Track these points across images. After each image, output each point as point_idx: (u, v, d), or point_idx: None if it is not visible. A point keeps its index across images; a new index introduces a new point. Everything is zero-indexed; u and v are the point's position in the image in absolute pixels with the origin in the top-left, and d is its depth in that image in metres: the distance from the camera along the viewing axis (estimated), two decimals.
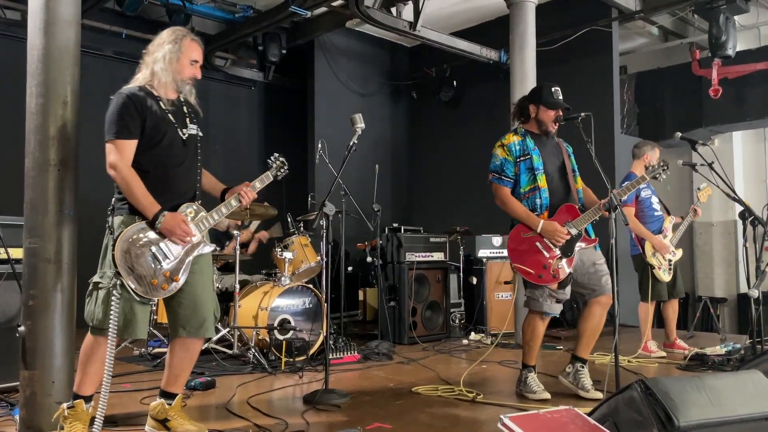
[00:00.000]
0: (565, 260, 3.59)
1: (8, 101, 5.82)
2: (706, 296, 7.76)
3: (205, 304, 2.89)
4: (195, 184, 2.95)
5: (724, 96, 7.64)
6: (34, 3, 3.11)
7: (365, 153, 4.65)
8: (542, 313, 3.69)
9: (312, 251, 5.46)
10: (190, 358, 2.97)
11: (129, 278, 2.65)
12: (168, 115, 2.84)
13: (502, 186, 3.70)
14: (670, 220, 5.17)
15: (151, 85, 2.85)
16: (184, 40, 2.90)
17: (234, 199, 3.00)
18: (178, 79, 2.88)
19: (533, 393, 3.67)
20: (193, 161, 2.95)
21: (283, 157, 3.26)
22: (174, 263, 2.76)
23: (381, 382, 4.20)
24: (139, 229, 2.71)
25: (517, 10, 6.27)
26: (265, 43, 7.85)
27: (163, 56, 2.85)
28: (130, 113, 2.73)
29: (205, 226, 2.89)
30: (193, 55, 2.92)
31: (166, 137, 2.82)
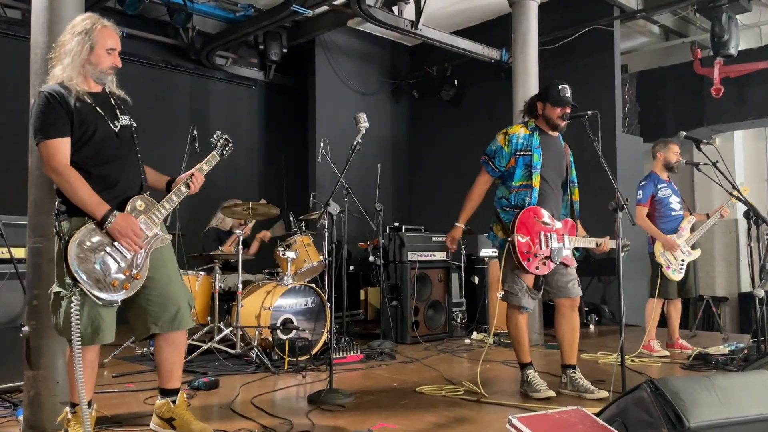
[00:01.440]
0: (550, 262, 3.63)
1: (10, 100, 5.81)
2: (708, 295, 7.75)
3: (174, 297, 2.80)
4: (139, 176, 2.82)
5: (726, 95, 7.64)
6: (37, 2, 3.09)
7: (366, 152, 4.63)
8: (520, 307, 3.71)
9: (314, 250, 5.45)
10: (177, 351, 2.89)
11: (87, 283, 2.54)
12: (96, 108, 2.70)
13: (485, 170, 3.80)
14: (689, 220, 5.14)
15: (66, 80, 2.66)
16: (96, 28, 2.70)
17: (183, 185, 2.86)
18: (96, 71, 2.72)
19: (537, 392, 3.66)
20: (131, 153, 2.80)
21: (227, 135, 3.09)
22: (131, 260, 2.66)
23: (385, 381, 4.19)
24: (89, 230, 2.60)
25: (519, 9, 6.26)
26: (266, 42, 7.84)
27: (72, 50, 2.67)
28: (55, 111, 2.59)
29: (158, 217, 2.78)
30: (108, 44, 2.72)
31: (98, 132, 2.68)
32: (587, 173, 3.97)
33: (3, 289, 3.60)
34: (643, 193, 5.07)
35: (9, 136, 5.78)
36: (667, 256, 5.00)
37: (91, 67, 2.71)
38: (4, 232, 3.55)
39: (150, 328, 2.78)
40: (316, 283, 5.48)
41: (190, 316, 2.88)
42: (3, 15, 6.43)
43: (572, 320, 3.79)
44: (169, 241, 2.87)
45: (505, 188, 3.77)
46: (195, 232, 5.85)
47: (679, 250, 5.01)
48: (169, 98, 7.75)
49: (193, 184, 2.87)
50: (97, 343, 2.65)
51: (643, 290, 5.23)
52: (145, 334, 2.81)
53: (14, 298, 3.65)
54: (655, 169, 5.19)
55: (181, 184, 2.87)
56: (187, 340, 3.06)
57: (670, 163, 5.14)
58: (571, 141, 3.97)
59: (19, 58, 4.19)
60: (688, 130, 5.72)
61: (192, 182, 2.87)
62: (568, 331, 3.79)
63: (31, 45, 3.10)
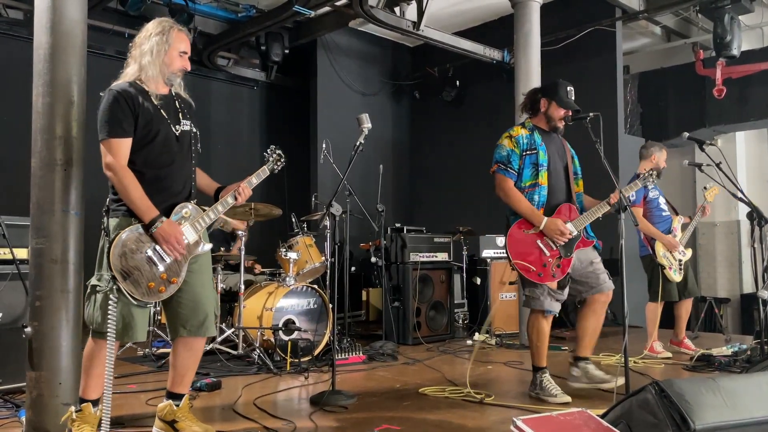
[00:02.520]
0: (564, 260, 3.58)
1: (13, 101, 5.81)
2: (710, 297, 7.74)
3: (205, 303, 2.85)
4: (190, 183, 2.88)
5: (728, 96, 7.63)
6: (40, 2, 3.09)
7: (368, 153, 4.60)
8: (543, 311, 3.65)
9: (316, 251, 5.44)
10: (194, 358, 2.93)
11: (125, 282, 2.60)
12: (160, 111, 2.77)
13: (508, 178, 3.64)
14: (678, 220, 5.14)
15: (141, 79, 2.76)
16: (172, 31, 2.81)
17: (230, 196, 2.91)
18: (168, 71, 2.80)
19: (553, 396, 3.59)
20: (188, 158, 2.87)
21: (280, 150, 3.17)
22: (171, 265, 2.71)
23: (387, 383, 4.18)
24: (135, 232, 2.65)
25: (521, 9, 6.25)
26: (268, 43, 7.83)
27: (151, 49, 2.76)
28: (122, 110, 2.66)
29: (201, 225, 2.83)
30: (182, 46, 2.83)
31: (160, 134, 2.74)
32: (589, 174, 3.95)
33: (5, 290, 3.60)
34: (636, 195, 4.97)
35: (11, 136, 5.79)
36: (668, 257, 4.99)
37: (162, 68, 2.78)
38: (6, 232, 3.55)
39: (178, 330, 2.83)
40: (318, 284, 5.47)
41: (214, 325, 2.93)
42: (5, 15, 6.43)
43: (601, 315, 3.74)
44: (209, 250, 2.91)
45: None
46: None
47: (680, 248, 5.01)
48: None
49: (240, 196, 2.92)
50: (126, 340, 2.76)
51: (643, 291, 5.21)
52: (174, 336, 2.87)
53: (17, 299, 3.65)
54: (642, 171, 5.10)
55: (228, 195, 2.92)
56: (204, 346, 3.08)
57: (660, 168, 5.10)
58: (573, 142, 3.96)
59: (21, 59, 4.19)
60: (690, 131, 5.69)
61: (239, 194, 2.92)
62: (593, 326, 3.73)
63: (34, 45, 3.09)
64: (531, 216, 3.58)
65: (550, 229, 3.54)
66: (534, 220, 3.58)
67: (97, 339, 2.68)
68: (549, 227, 3.54)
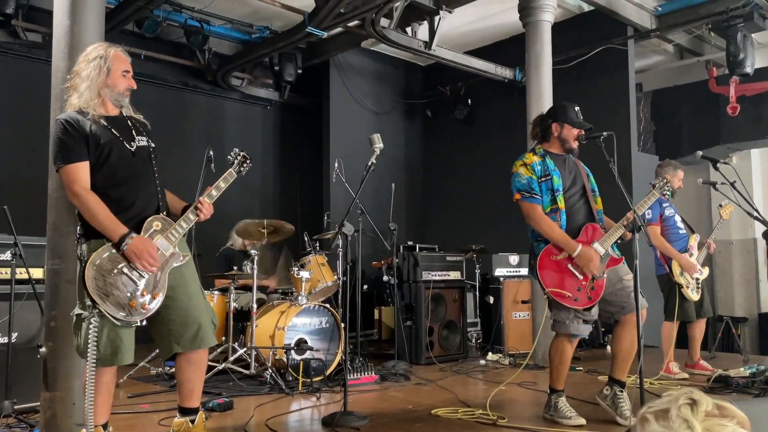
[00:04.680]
0: (597, 281, 3.50)
1: (31, 122, 5.91)
2: (727, 316, 7.63)
3: (195, 315, 2.79)
4: (156, 196, 2.84)
5: (742, 113, 7.58)
6: (58, 27, 3.16)
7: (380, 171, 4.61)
8: (570, 335, 3.58)
9: (329, 270, 5.45)
10: (198, 371, 2.89)
11: (106, 304, 2.56)
12: (110, 131, 2.75)
13: (535, 204, 3.54)
14: (695, 238, 5.08)
15: (84, 107, 2.74)
16: (109, 52, 2.81)
17: (191, 212, 2.84)
18: (113, 93, 2.80)
19: (567, 419, 3.53)
20: (149, 173, 2.84)
21: (245, 152, 3.09)
22: (149, 280, 2.67)
23: (399, 403, 4.15)
24: (107, 252, 2.62)
25: (532, 29, 6.28)
26: (281, 63, 7.93)
27: (88, 74, 2.75)
28: (71, 136, 2.65)
29: (175, 237, 2.79)
30: (122, 66, 2.82)
31: (113, 153, 2.73)
32: (603, 194, 3.92)
33: (21, 309, 3.64)
34: (652, 212, 4.94)
35: (29, 158, 5.87)
36: (686, 276, 4.93)
37: (109, 90, 2.78)
38: (23, 253, 3.59)
39: (173, 347, 2.79)
40: (331, 302, 5.47)
41: (212, 334, 2.87)
42: (24, 39, 6.56)
43: (635, 335, 3.53)
44: (190, 259, 2.87)
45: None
46: (210, 252, 5.88)
47: (697, 269, 4.95)
48: (185, 119, 7.84)
49: (201, 212, 2.84)
50: (117, 364, 2.67)
51: (657, 310, 5.15)
52: (169, 353, 2.83)
53: (32, 319, 3.68)
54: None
55: (189, 211, 2.86)
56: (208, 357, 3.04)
57: (674, 188, 5.07)
58: (587, 161, 3.95)
59: (40, 81, 4.27)
60: (704, 149, 5.66)
61: (200, 209, 2.84)
62: (627, 346, 3.61)
63: (53, 70, 3.16)
64: (565, 243, 3.48)
65: (583, 258, 3.45)
66: (568, 247, 3.48)
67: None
68: (583, 255, 3.45)
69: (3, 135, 6.42)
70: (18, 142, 6.39)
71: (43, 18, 6.40)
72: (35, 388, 3.20)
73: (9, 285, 3.57)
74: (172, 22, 7.14)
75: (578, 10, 7.53)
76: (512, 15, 6.80)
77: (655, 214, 4.96)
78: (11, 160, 6.39)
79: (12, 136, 6.44)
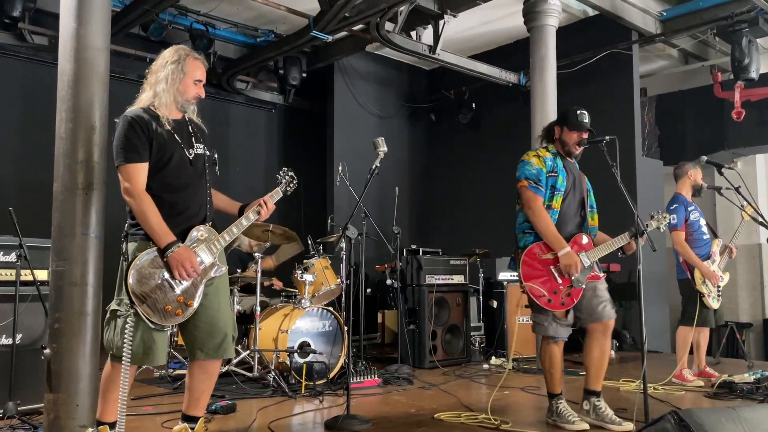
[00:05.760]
0: (575, 290, 3.54)
1: (37, 125, 5.95)
2: (732, 321, 7.60)
3: (222, 325, 2.84)
4: (205, 205, 2.91)
5: (747, 118, 7.57)
6: (65, 30, 3.17)
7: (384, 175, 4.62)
8: (549, 337, 3.62)
9: (332, 273, 5.45)
10: (209, 381, 2.93)
11: (143, 306, 2.62)
12: (174, 136, 2.81)
13: (539, 195, 3.56)
14: (717, 244, 5.03)
15: (155, 106, 2.81)
16: (188, 59, 2.86)
17: (253, 212, 2.95)
18: (182, 99, 2.85)
19: (570, 423, 3.53)
20: (202, 181, 2.91)
21: (293, 172, 3.19)
22: (187, 288, 2.73)
23: (402, 407, 4.15)
24: (151, 256, 2.68)
25: (537, 33, 6.29)
26: (286, 67, 7.95)
27: (166, 77, 2.82)
28: (137, 136, 2.70)
29: (217, 248, 2.84)
30: (197, 75, 2.89)
31: (174, 158, 2.78)
32: (607, 199, 3.92)
33: (25, 311, 3.65)
34: (677, 217, 4.84)
35: (35, 160, 5.91)
36: (708, 284, 4.90)
37: (176, 96, 2.83)
38: (27, 254, 3.60)
39: (195, 353, 2.83)
40: (334, 306, 5.47)
41: (233, 346, 2.93)
42: (30, 41, 6.60)
43: (604, 345, 3.64)
44: (225, 271, 2.92)
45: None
46: None
47: (719, 278, 4.90)
48: None
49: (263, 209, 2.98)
50: (147, 364, 2.77)
51: (663, 315, 5.14)
52: (191, 359, 2.89)
53: (36, 321, 3.69)
54: (681, 191, 5.02)
55: (250, 210, 2.96)
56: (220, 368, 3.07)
57: (698, 184, 5.01)
58: (591, 165, 3.95)
59: (46, 84, 4.29)
60: (708, 154, 5.66)
61: (262, 208, 2.98)
62: (597, 356, 3.64)
63: (59, 73, 3.17)
64: (554, 240, 3.51)
65: (567, 260, 3.48)
66: (556, 245, 3.51)
67: (116, 363, 2.69)
68: (568, 257, 3.48)
69: (9, 137, 6.45)
70: (24, 145, 6.42)
71: (49, 21, 6.44)
72: (39, 389, 3.21)
73: (14, 286, 3.58)
74: (177, 25, 7.17)
75: (583, 15, 7.53)
76: (517, 19, 6.81)
77: (680, 219, 4.87)
78: (17, 163, 6.42)
79: (18, 138, 6.47)
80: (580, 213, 3.73)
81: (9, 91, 6.54)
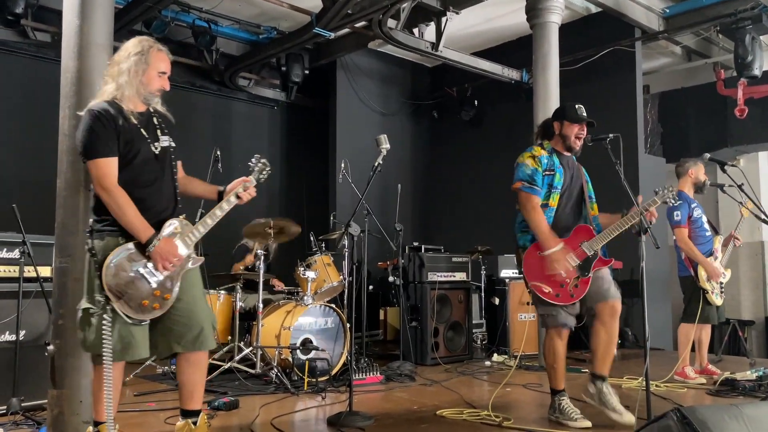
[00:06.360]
0: (582, 280, 3.55)
1: (40, 122, 5.94)
2: (734, 319, 7.59)
3: (198, 317, 2.82)
4: (174, 198, 2.88)
5: (750, 116, 7.55)
6: (68, 27, 3.18)
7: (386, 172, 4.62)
8: (561, 326, 3.61)
9: (334, 270, 5.45)
10: (199, 372, 2.89)
11: (119, 302, 2.60)
12: (141, 131, 2.77)
13: (534, 195, 3.59)
14: (719, 240, 5.02)
15: (118, 98, 2.75)
16: (151, 51, 2.80)
17: (233, 195, 2.93)
18: (145, 91, 2.80)
19: (573, 420, 3.53)
20: (169, 175, 2.87)
21: (265, 159, 3.15)
22: (163, 281, 2.71)
23: (404, 404, 4.15)
24: (125, 251, 2.66)
25: (540, 30, 6.27)
26: (288, 64, 7.94)
27: (128, 68, 2.75)
28: (106, 129, 2.66)
29: (192, 240, 2.83)
30: (161, 67, 2.84)
31: (140, 154, 2.75)
32: (610, 196, 3.92)
33: (29, 307, 3.66)
34: (681, 214, 4.84)
35: (38, 157, 5.90)
36: (712, 281, 4.90)
37: (140, 88, 2.78)
38: (31, 251, 3.61)
39: (173, 347, 2.80)
40: (336, 303, 5.48)
41: (212, 338, 2.89)
42: (33, 38, 6.60)
43: (611, 328, 3.62)
44: (202, 262, 2.90)
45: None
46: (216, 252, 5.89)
47: (721, 275, 4.89)
48: (192, 119, 7.86)
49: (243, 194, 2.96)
50: (128, 359, 2.71)
51: (666, 313, 5.13)
52: (168, 353, 2.84)
53: (40, 317, 3.70)
54: (683, 188, 5.01)
55: (231, 194, 2.94)
56: (208, 359, 3.04)
57: (700, 182, 5.01)
58: (594, 163, 3.95)
59: (49, 81, 4.30)
60: (711, 151, 5.65)
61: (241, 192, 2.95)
62: (604, 340, 3.60)
63: (62, 69, 3.18)
64: (546, 239, 3.52)
65: (552, 257, 3.48)
66: (548, 243, 3.52)
67: (100, 363, 2.66)
68: (552, 255, 3.48)
69: (12, 134, 6.46)
70: (27, 142, 6.42)
71: (52, 17, 6.44)
72: (43, 385, 3.22)
73: (17, 283, 3.60)
74: (180, 22, 7.16)
75: (585, 12, 7.52)
76: (519, 16, 6.80)
77: (684, 216, 4.86)
78: (20, 159, 6.42)
79: (21, 135, 6.47)
80: (579, 205, 3.74)
81: (12, 88, 6.54)
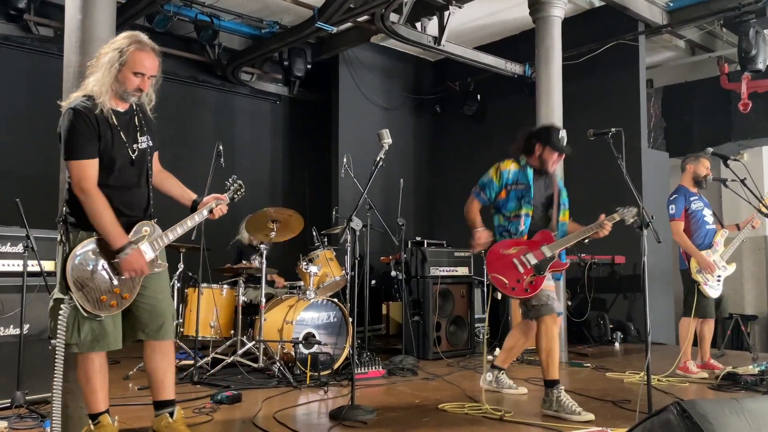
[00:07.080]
0: (537, 278, 3.71)
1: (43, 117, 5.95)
2: (737, 314, 7.59)
3: (161, 310, 2.85)
4: (148, 201, 2.88)
5: (754, 110, 7.53)
6: (70, 22, 3.18)
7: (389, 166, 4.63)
8: (556, 313, 3.76)
9: (337, 265, 5.46)
10: (167, 360, 2.90)
11: (78, 294, 2.60)
12: (120, 134, 2.74)
13: (476, 199, 4.07)
14: (722, 234, 5.01)
15: (96, 94, 2.68)
16: (130, 49, 2.68)
17: (206, 209, 2.98)
18: (121, 90, 2.72)
19: (576, 414, 3.51)
20: (143, 178, 2.85)
21: (241, 180, 3.24)
22: (124, 280, 2.71)
23: (406, 398, 4.17)
24: (92, 245, 2.67)
25: (542, 24, 6.25)
26: (291, 58, 7.94)
27: (104, 64, 2.69)
28: (86, 129, 2.63)
29: (159, 245, 2.83)
30: (137, 68, 2.70)
31: (117, 159, 2.72)
32: (612, 190, 3.93)
33: (33, 301, 3.67)
34: (675, 208, 4.90)
35: (41, 151, 5.92)
36: (704, 273, 4.89)
37: (118, 85, 2.72)
38: (35, 245, 3.62)
39: (137, 334, 2.84)
40: (339, 297, 5.49)
41: (173, 329, 2.94)
42: (36, 33, 6.61)
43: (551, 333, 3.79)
44: (165, 269, 2.92)
45: (501, 216, 3.96)
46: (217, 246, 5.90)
47: (716, 269, 4.89)
48: (195, 113, 7.88)
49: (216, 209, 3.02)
50: (99, 350, 2.72)
51: (668, 307, 5.13)
52: (132, 339, 2.87)
53: (43, 311, 3.70)
54: (683, 183, 5.05)
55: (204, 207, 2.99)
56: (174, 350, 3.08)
57: (699, 177, 5.01)
58: (596, 157, 3.96)
59: (51, 75, 4.30)
60: (715, 146, 5.64)
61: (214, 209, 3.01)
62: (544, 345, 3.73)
63: (64, 64, 3.18)
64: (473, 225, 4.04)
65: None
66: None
67: (79, 354, 2.70)
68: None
69: (15, 129, 6.48)
70: (30, 136, 6.44)
71: (54, 12, 6.45)
72: (47, 379, 3.22)
73: (21, 277, 3.61)
74: (182, 16, 7.17)
75: (589, 6, 7.49)
76: (522, 10, 6.78)
77: (679, 209, 4.90)
78: (23, 154, 6.45)
79: (24, 129, 6.49)
80: (548, 213, 3.93)
81: (15, 82, 6.56)
